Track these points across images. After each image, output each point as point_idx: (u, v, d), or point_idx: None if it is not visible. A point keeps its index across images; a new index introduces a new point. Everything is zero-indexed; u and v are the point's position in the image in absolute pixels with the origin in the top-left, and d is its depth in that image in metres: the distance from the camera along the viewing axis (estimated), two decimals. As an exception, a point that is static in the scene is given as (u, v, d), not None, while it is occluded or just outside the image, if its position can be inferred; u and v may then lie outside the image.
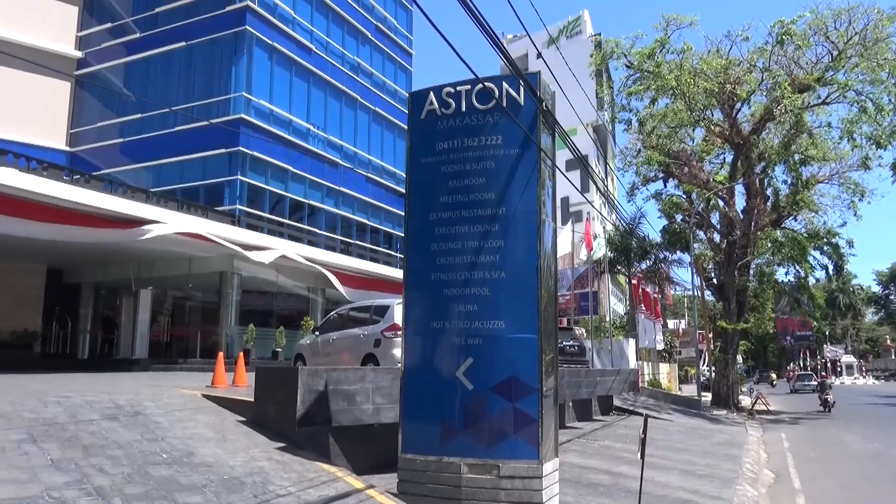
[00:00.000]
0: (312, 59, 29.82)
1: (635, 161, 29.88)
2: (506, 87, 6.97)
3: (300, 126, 28.87)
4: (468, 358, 6.96)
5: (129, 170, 28.68)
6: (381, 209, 33.78)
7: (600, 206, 54.13)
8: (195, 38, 28.00)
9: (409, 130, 7.72)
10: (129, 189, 20.64)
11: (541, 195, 6.98)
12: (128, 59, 30.27)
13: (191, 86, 28.20)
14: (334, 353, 13.03)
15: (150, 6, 29.96)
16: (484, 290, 6.95)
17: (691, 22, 25.38)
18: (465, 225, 7.07)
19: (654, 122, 27.32)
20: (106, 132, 30.29)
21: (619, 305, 51.52)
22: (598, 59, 28.74)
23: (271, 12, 27.83)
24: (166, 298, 26.35)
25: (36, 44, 30.16)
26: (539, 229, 6.94)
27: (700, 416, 22.89)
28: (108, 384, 11.36)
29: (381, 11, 35.62)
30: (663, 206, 30.68)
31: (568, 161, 46.23)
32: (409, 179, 7.67)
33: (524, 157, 6.89)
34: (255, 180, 26.46)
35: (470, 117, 7.12)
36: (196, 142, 26.77)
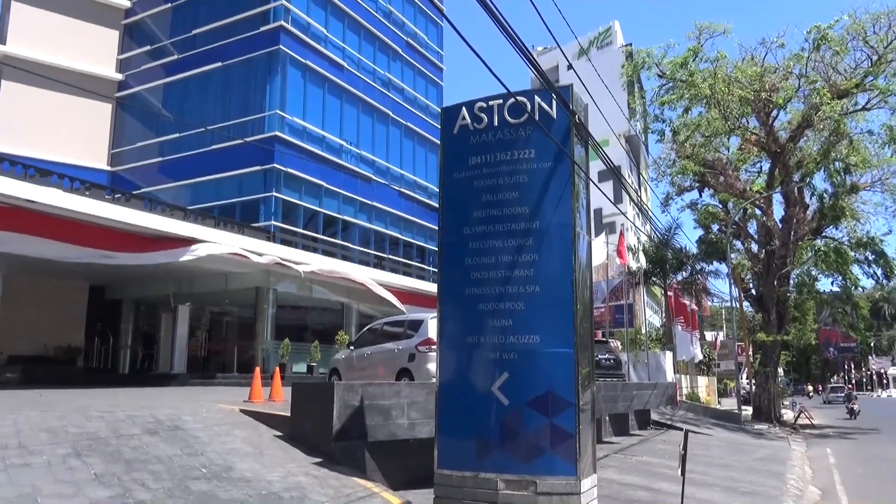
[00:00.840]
0: (344, 76, 30.22)
1: (669, 171, 29.52)
2: (538, 100, 6.97)
3: (333, 142, 29.23)
4: (503, 373, 6.92)
5: (167, 188, 29.34)
6: (413, 223, 33.93)
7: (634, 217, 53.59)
8: (231, 58, 28.62)
9: (441, 146, 7.75)
10: (167, 207, 21.10)
11: (574, 208, 6.93)
12: (166, 80, 31.07)
13: (227, 105, 28.79)
14: (369, 367, 13.08)
15: (187, 28, 30.74)
16: (518, 305, 6.91)
17: (724, 30, 25.10)
18: (498, 239, 7.06)
19: (688, 131, 26.99)
20: (145, 151, 31.07)
21: (654, 317, 50.81)
22: (630, 70, 28.58)
23: (304, 31, 28.31)
24: (204, 314, 26.82)
25: (79, 68, 31.19)
26: (573, 242, 6.89)
27: (741, 431, 22.37)
28: (148, 399, 11.57)
29: (412, 27, 35.97)
30: (699, 217, 30.22)
31: (600, 172, 45.91)
32: (442, 194, 7.69)
33: (557, 170, 6.86)
34: (289, 196, 26.83)
35: (502, 131, 7.13)
36: (232, 159, 27.28)
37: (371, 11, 32.65)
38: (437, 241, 8.42)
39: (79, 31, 32.16)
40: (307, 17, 28.60)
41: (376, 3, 33.25)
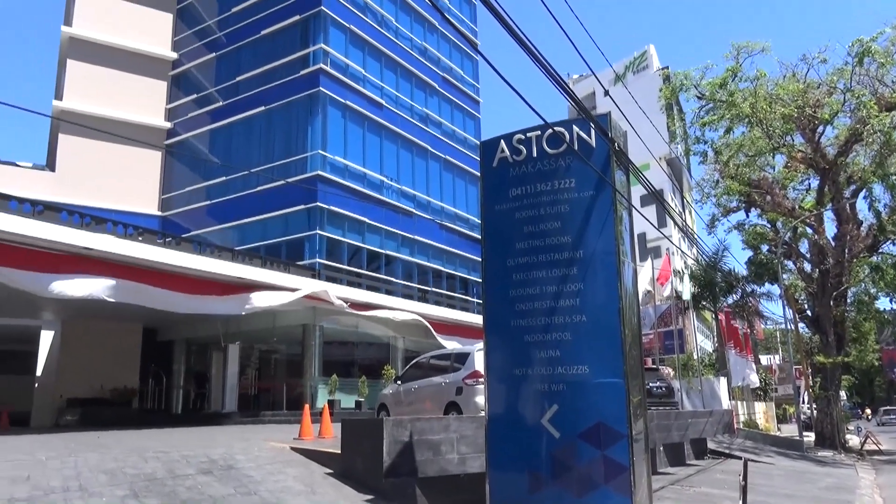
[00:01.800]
0: (383, 113, 30.79)
1: (713, 192, 29.00)
2: (576, 130, 6.98)
3: (374, 178, 29.67)
4: (553, 405, 6.83)
5: (215, 230, 30.13)
6: (455, 255, 34.02)
7: (679, 241, 52.69)
8: (273, 101, 29.48)
9: (481, 179, 7.81)
10: (216, 249, 21.62)
11: (618, 236, 6.88)
12: (212, 126, 32.14)
13: (271, 147, 29.58)
14: (417, 401, 13.05)
15: (230, 75, 31.85)
16: (566, 335, 6.84)
17: (763, 48, 24.77)
18: (542, 270, 7.04)
19: (731, 151, 26.55)
20: (194, 196, 32.05)
21: (706, 343, 49.54)
22: (668, 93, 28.36)
23: (343, 72, 29.02)
24: (252, 352, 27.22)
25: (130, 118, 32.57)
26: (618, 270, 6.82)
27: (804, 459, 21.47)
28: (201, 439, 11.75)
29: (448, 63, 36.54)
30: (747, 237, 29.54)
31: (642, 196, 45.45)
32: (483, 227, 7.72)
33: (599, 198, 6.84)
34: (332, 233, 27.24)
35: (542, 162, 7.16)
36: (277, 200, 27.92)
37: (407, 49, 33.33)
38: (479, 272, 8.42)
39: (129, 84, 33.63)
40: (345, 59, 29.34)
41: (412, 41, 33.94)
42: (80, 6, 33.70)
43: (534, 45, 5.82)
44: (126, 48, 33.76)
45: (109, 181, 31.68)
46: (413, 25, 34.38)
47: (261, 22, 31.13)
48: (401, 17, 33.59)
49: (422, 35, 34.95)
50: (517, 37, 5.51)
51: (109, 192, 31.33)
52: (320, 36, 28.57)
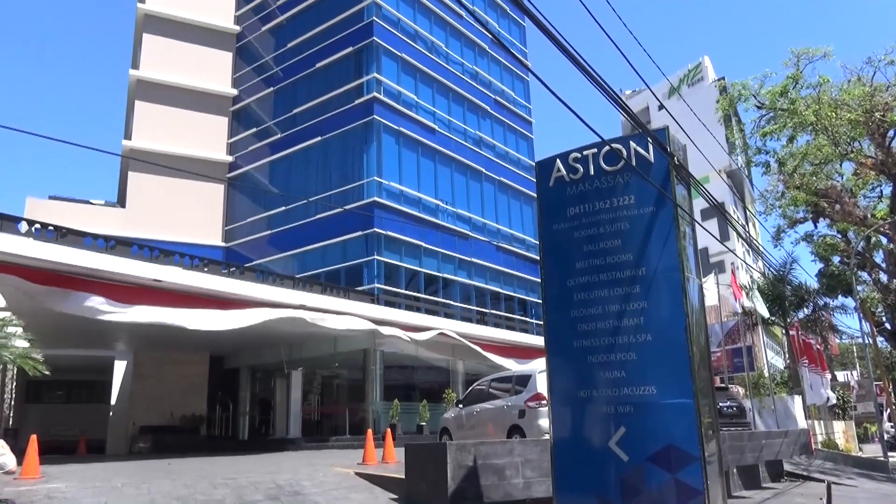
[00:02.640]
0: (436, 138, 31.09)
1: (778, 203, 28.04)
2: (633, 146, 6.88)
3: (429, 203, 29.90)
4: (620, 427, 6.66)
5: (276, 259, 30.86)
6: (513, 277, 33.84)
7: (744, 255, 51.10)
8: (329, 131, 30.18)
9: (538, 199, 7.76)
10: (277, 277, 22.11)
11: (681, 252, 6.71)
12: (271, 157, 33.10)
13: (328, 175, 30.22)
14: (479, 425, 12.94)
15: (288, 108, 32.81)
16: (630, 355, 6.69)
17: (825, 53, 23.95)
18: (604, 289, 6.92)
19: (796, 160, 25.65)
20: (255, 226, 32.96)
21: (777, 359, 47.65)
22: (726, 104, 27.69)
23: (396, 100, 29.50)
24: (315, 377, 27.58)
25: (194, 154, 33.88)
26: (683, 287, 6.64)
27: (889, 481, 20.26)
28: (268, 464, 11.92)
29: (499, 85, 36.71)
30: (816, 249, 28.42)
31: (703, 210, 44.36)
32: (542, 247, 7.65)
33: (659, 214, 6.70)
34: (390, 258, 27.51)
35: (599, 180, 7.07)
36: (335, 227, 28.42)
37: (458, 74, 33.67)
38: (538, 293, 8.32)
39: (193, 121, 35.04)
40: (398, 87, 29.83)
41: (463, 65, 34.28)
42: (147, 50, 35.41)
43: (586, 61, 5.79)
44: (189, 87, 35.24)
45: (176, 215, 32.95)
46: (463, 50, 34.75)
47: (315, 55, 32.03)
48: (451, 43, 34.01)
49: (472, 59, 35.27)
50: (570, 55, 5.49)
51: (176, 226, 32.57)
52: (373, 65, 29.17)
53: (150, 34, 35.66)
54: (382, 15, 30.09)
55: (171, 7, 35.93)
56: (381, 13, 30.08)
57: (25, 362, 7.98)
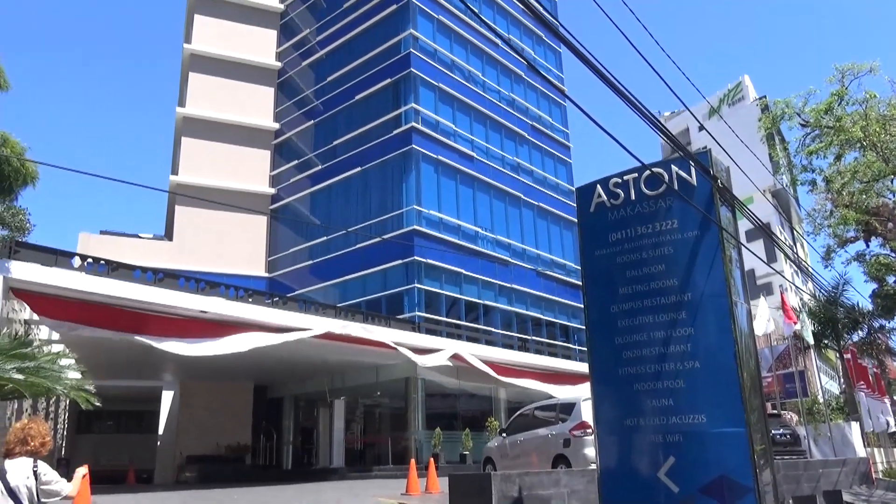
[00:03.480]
0: (475, 165, 31.25)
1: (827, 222, 27.26)
2: (675, 169, 6.80)
3: (469, 230, 29.95)
4: (669, 457, 6.47)
5: (318, 288, 31.20)
6: (554, 302, 33.53)
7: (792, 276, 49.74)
8: (369, 162, 30.61)
9: (579, 225, 7.70)
10: (320, 306, 22.32)
11: (728, 276, 6.56)
12: (312, 189, 33.69)
13: (368, 205, 30.58)
14: (523, 454, 12.76)
15: (328, 140, 33.44)
16: (678, 383, 6.53)
17: (871, 69, 23.35)
18: (648, 315, 6.79)
19: (844, 178, 24.96)
20: (297, 256, 33.47)
21: (831, 384, 46.01)
22: (768, 123, 27.17)
23: (434, 129, 29.81)
24: (357, 407, 27.64)
25: (238, 187, 34.73)
26: (731, 311, 6.47)
27: (960, 512, 19.19)
28: (313, 494, 11.93)
29: (536, 111, 36.81)
30: (869, 269, 27.46)
31: (748, 231, 43.40)
32: (584, 273, 7.57)
33: (704, 238, 6.58)
34: (430, 286, 27.55)
35: (641, 205, 6.99)
36: (375, 256, 28.66)
37: (495, 102, 33.90)
38: (580, 318, 8.22)
39: (237, 155, 35.98)
40: (436, 116, 30.17)
41: (499, 93, 34.51)
42: (192, 88, 36.62)
43: (624, 85, 5.76)
44: (233, 123, 36.25)
45: (221, 247, 33.70)
46: (500, 78, 35.02)
47: (354, 87, 32.67)
48: (487, 72, 34.32)
49: (509, 86, 35.50)
50: (607, 80, 5.48)
51: (221, 257, 33.29)
52: (411, 96, 29.59)
53: (196, 73, 36.90)
54: (419, 46, 30.59)
55: (215, 46, 37.17)
56: (418, 45, 30.58)
57: (78, 394, 8.18)
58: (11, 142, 12.19)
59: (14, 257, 13.77)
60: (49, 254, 15.11)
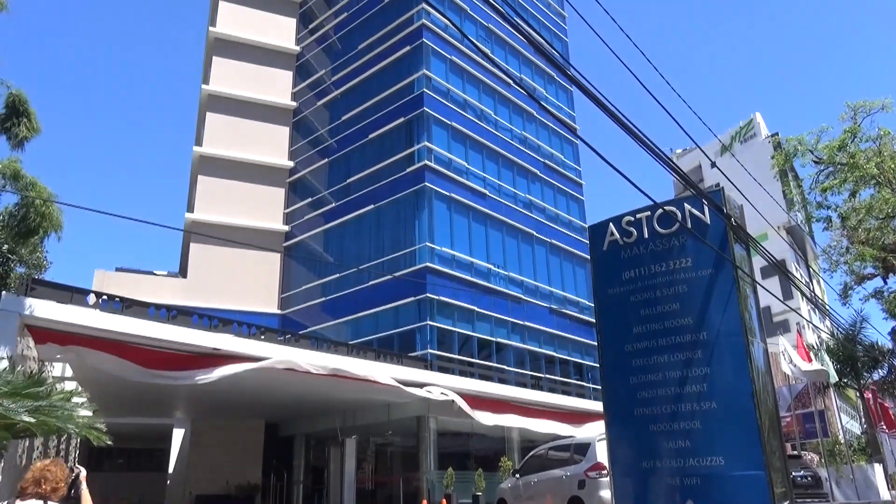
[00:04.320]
0: (487, 202, 31.39)
1: (843, 259, 27.02)
2: (688, 208, 6.80)
3: (481, 267, 29.94)
4: (687, 500, 6.33)
5: (330, 326, 31.17)
6: (567, 340, 33.26)
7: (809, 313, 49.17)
8: (382, 199, 30.83)
9: (592, 263, 7.69)
10: (332, 344, 22.26)
11: (744, 314, 6.51)
12: (326, 226, 33.92)
13: (381, 242, 30.70)
14: (537, 496, 12.52)
15: (342, 178, 33.78)
16: (695, 424, 6.42)
17: (883, 106, 23.44)
18: (663, 354, 6.72)
19: (859, 215, 24.82)
20: (310, 293, 33.52)
21: (852, 424, 45.02)
22: (781, 159, 27.22)
23: (446, 167, 30.05)
24: (368, 446, 27.31)
25: (253, 224, 35.06)
26: (747, 350, 6.40)
27: None
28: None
29: (548, 149, 37.07)
30: (888, 306, 27.06)
31: (763, 268, 43.08)
32: (597, 312, 7.53)
33: (718, 277, 6.54)
34: (442, 324, 27.44)
35: (654, 243, 6.98)
36: (388, 293, 28.65)
37: (507, 140, 34.20)
38: (594, 356, 8.13)
39: (252, 193, 36.39)
40: (448, 154, 30.44)
41: (511, 131, 34.83)
42: (209, 128, 37.27)
43: (635, 125, 5.79)
44: (248, 161, 36.77)
45: (234, 284, 33.86)
46: (512, 117, 35.38)
47: (368, 126, 33.10)
48: (500, 110, 34.70)
49: (521, 125, 35.83)
50: (619, 120, 5.51)
51: (234, 294, 33.42)
52: (424, 134, 29.93)
53: (213, 113, 37.59)
54: (432, 86, 31.04)
55: (232, 87, 37.92)
56: (432, 84, 31.03)
57: (90, 433, 8.16)
58: (39, 187, 12.33)
59: (30, 294, 13.88)
60: (65, 291, 15.22)
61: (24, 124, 12.21)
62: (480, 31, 35.24)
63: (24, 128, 12.22)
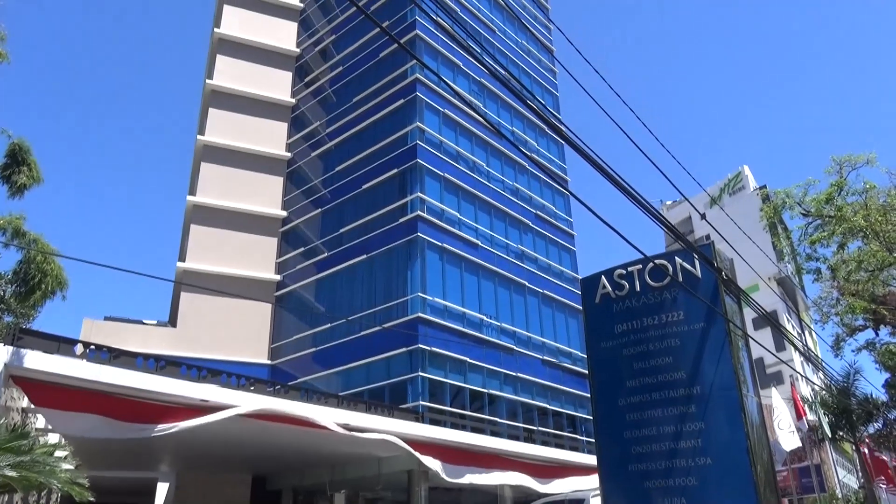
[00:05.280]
0: (479, 253, 31.50)
1: (834, 311, 27.12)
2: (679, 261, 6.85)
3: (473, 317, 29.84)
4: (684, 560, 6.19)
5: (321, 376, 30.81)
6: (560, 392, 32.95)
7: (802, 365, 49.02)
8: (374, 249, 30.90)
9: (584, 316, 7.69)
10: (322, 395, 21.95)
11: (737, 368, 6.49)
12: (318, 276, 33.86)
13: (373, 293, 30.62)
14: (531, 554, 12.21)
15: (335, 228, 33.91)
16: (690, 480, 6.33)
17: (868, 160, 23.88)
18: (657, 409, 6.68)
19: (849, 267, 25.03)
20: (301, 344, 33.22)
21: (849, 478, 44.42)
22: (770, 212, 27.56)
23: (439, 217, 30.25)
24: (358, 500, 26.67)
25: (245, 274, 34.95)
26: (742, 405, 6.37)
27: None
28: None
29: (540, 200, 37.44)
30: (880, 358, 27.05)
31: (755, 319, 43.11)
32: (590, 365, 7.50)
33: (711, 330, 6.55)
34: (434, 375, 27.18)
35: (646, 296, 7.01)
36: (379, 344, 28.44)
37: (499, 191, 34.55)
38: (587, 408, 8.06)
39: (244, 242, 36.41)
40: (441, 205, 30.69)
41: (503, 182, 35.22)
42: (203, 178, 37.51)
43: (625, 180, 5.88)
44: (242, 211, 36.89)
45: (224, 333, 33.55)
46: (504, 168, 35.83)
47: (362, 177, 33.42)
48: (492, 162, 35.16)
49: (513, 176, 36.25)
50: (609, 175, 5.59)
51: (224, 344, 33.07)
52: (417, 185, 30.21)
53: (208, 162, 37.89)
54: (426, 138, 31.50)
55: (228, 138, 38.34)
56: (425, 137, 31.49)
57: (72, 488, 7.95)
58: (41, 244, 12.28)
59: (17, 344, 13.70)
60: (52, 341, 15.03)
61: (24, 172, 12.25)
62: (473, 84, 35.99)
63: (25, 176, 12.26)
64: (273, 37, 42.20)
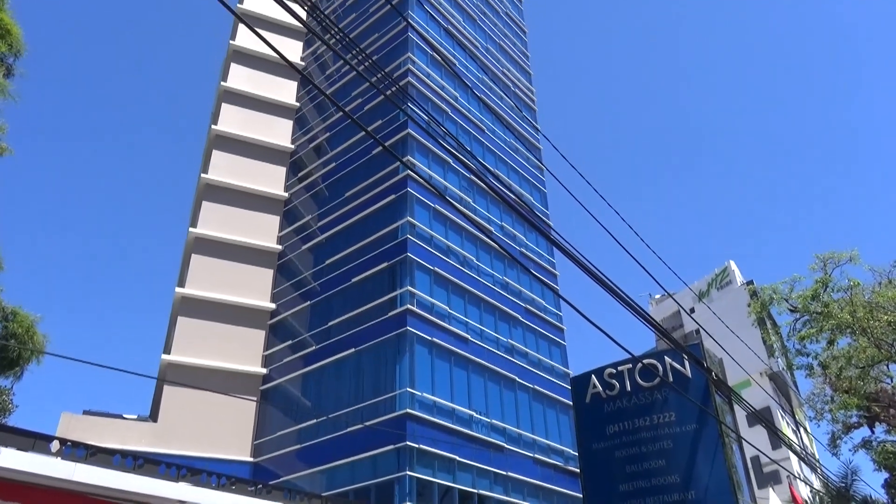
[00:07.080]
0: (469, 347, 31.25)
1: (828, 408, 26.81)
2: (669, 361, 6.85)
3: (463, 413, 29.23)
4: None
5: (305, 475, 29.70)
6: (552, 491, 31.84)
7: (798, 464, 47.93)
8: (363, 343, 30.60)
9: (575, 416, 7.59)
10: (305, 496, 21.12)
11: (730, 471, 6.36)
12: (305, 370, 33.31)
13: (360, 387, 30.08)
14: None
15: (323, 321, 33.68)
16: None
17: (851, 257, 24.35)
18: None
19: (839, 363, 24.97)
20: (284, 440, 32.23)
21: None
22: (758, 307, 27.74)
23: (429, 311, 30.19)
24: None
25: (230, 367, 34.32)
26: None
27: None
28: None
29: (529, 294, 37.54)
30: (877, 457, 26.52)
31: (748, 416, 42.43)
32: (582, 468, 7.33)
33: (703, 431, 6.47)
34: (422, 474, 26.30)
35: (637, 396, 6.96)
36: (366, 441, 27.65)
37: (489, 285, 34.70)
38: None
39: (231, 335, 35.96)
40: (431, 298, 30.71)
41: (493, 276, 35.43)
42: (193, 269, 37.50)
43: (611, 280, 5.95)
44: (230, 303, 36.66)
45: (207, 429, 32.52)
46: (493, 263, 36.14)
47: (352, 270, 33.56)
48: (482, 256, 35.50)
49: (502, 270, 36.51)
50: (597, 278, 5.67)
51: (206, 441, 32.01)
52: (406, 279, 30.33)
53: (199, 255, 37.99)
54: (416, 233, 31.91)
55: (219, 230, 38.63)
56: (415, 231, 31.92)
57: None
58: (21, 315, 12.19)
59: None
60: (28, 437, 14.56)
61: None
62: (463, 181, 36.87)
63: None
64: (269, 133, 43.41)
